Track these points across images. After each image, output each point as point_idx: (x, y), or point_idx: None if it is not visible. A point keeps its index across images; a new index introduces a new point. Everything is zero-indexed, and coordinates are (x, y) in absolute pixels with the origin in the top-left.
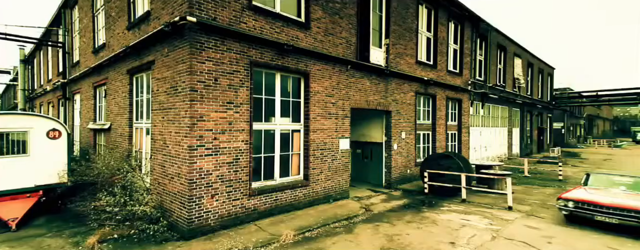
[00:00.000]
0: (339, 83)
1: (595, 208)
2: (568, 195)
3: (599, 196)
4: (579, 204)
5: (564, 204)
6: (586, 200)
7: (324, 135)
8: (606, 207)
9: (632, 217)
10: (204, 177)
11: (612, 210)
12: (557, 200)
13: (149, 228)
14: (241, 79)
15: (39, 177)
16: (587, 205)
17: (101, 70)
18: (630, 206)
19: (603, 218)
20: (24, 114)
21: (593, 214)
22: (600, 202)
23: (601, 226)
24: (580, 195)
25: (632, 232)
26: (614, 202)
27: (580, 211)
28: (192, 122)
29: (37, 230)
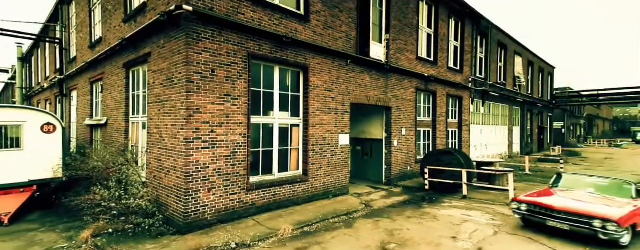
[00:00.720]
0: (338, 77)
1: (548, 212)
2: (523, 198)
3: (553, 199)
4: (532, 208)
5: (517, 207)
6: (539, 203)
7: (323, 130)
8: (557, 211)
9: (582, 223)
10: (201, 170)
11: (563, 215)
12: (511, 202)
13: (145, 222)
14: (239, 71)
15: (33, 171)
16: (539, 208)
17: (98, 65)
18: (581, 211)
19: (554, 224)
20: (17, 107)
21: (545, 218)
22: (553, 205)
23: (555, 233)
24: (534, 198)
25: (587, 241)
26: (567, 206)
27: (532, 215)
28: (188, 114)
29: (30, 225)
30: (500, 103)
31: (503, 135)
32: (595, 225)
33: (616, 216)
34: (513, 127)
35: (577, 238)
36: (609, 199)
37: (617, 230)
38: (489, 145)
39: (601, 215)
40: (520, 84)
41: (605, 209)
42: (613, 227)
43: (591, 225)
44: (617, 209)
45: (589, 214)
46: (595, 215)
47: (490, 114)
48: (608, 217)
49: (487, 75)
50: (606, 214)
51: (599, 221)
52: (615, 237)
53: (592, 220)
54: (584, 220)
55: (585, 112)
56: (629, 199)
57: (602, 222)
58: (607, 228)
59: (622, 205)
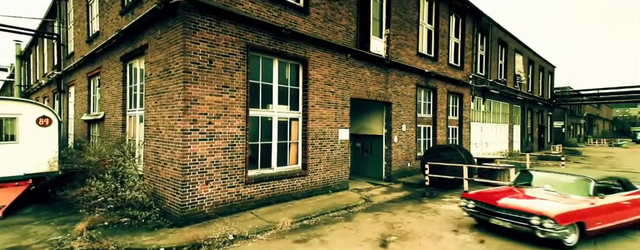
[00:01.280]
0: (338, 72)
1: (492, 209)
2: (472, 194)
3: (499, 196)
4: (479, 205)
5: (465, 205)
6: (484, 199)
7: (322, 124)
8: (500, 208)
9: (521, 220)
10: (198, 162)
11: (505, 212)
12: (461, 199)
13: (141, 215)
14: (237, 62)
15: (28, 165)
16: (484, 206)
17: (95, 59)
18: (521, 207)
19: (497, 221)
20: (12, 100)
21: (488, 216)
22: (496, 202)
23: (498, 231)
24: (482, 195)
25: (531, 240)
26: (508, 203)
27: (478, 213)
28: (185, 105)
29: (25, 219)
30: (501, 101)
31: (503, 133)
32: (533, 222)
33: (553, 213)
34: (513, 125)
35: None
36: (563, 196)
37: (555, 228)
38: (490, 143)
39: (538, 212)
40: (521, 82)
41: (545, 205)
42: (549, 224)
43: (530, 222)
44: (557, 206)
45: (528, 210)
46: (534, 212)
47: (491, 112)
48: (545, 213)
49: (487, 73)
50: (543, 210)
51: (536, 218)
52: (553, 235)
53: (531, 217)
54: (523, 218)
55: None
56: (585, 197)
57: (540, 219)
58: (543, 225)
59: (572, 202)
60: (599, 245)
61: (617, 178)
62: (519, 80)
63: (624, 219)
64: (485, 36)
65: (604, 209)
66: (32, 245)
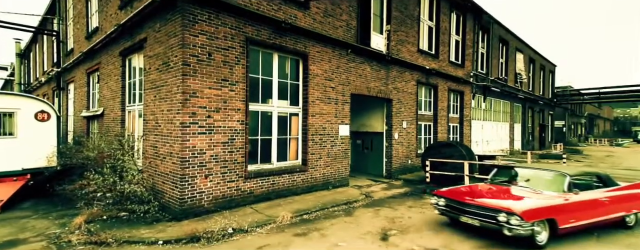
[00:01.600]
0: (338, 67)
1: (461, 207)
2: (443, 191)
3: (469, 192)
4: (449, 202)
5: (436, 202)
6: (454, 197)
7: (323, 120)
8: (469, 205)
9: (489, 217)
10: (197, 156)
11: (474, 209)
12: (432, 196)
13: (140, 209)
14: (237, 55)
15: (27, 160)
16: (454, 203)
17: (94, 55)
18: (489, 204)
19: (466, 219)
20: (11, 94)
21: (458, 214)
22: (465, 199)
23: (470, 230)
24: (452, 192)
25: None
26: (477, 199)
27: (448, 210)
28: (184, 98)
29: (23, 213)
30: (502, 99)
31: (504, 131)
32: (500, 219)
33: (519, 209)
34: (514, 123)
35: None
36: (536, 193)
37: (522, 225)
38: (490, 141)
39: (505, 208)
40: (522, 80)
41: (512, 201)
42: (516, 221)
43: (497, 219)
44: (525, 201)
45: (495, 207)
46: (501, 208)
47: (492, 110)
48: (511, 209)
49: (488, 71)
50: (510, 206)
51: (503, 215)
52: (520, 232)
53: (498, 214)
54: (491, 214)
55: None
56: (559, 193)
57: (507, 215)
58: (510, 222)
59: (544, 198)
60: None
61: (596, 174)
62: (519, 78)
63: (601, 217)
64: (486, 34)
65: (578, 206)
66: (30, 239)
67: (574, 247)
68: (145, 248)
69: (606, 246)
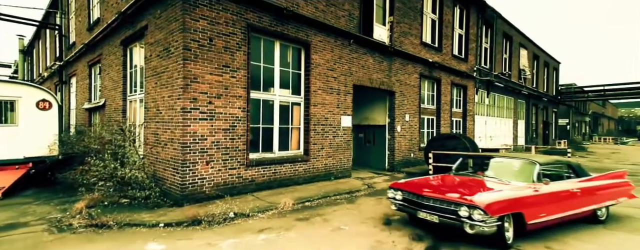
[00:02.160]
0: (341, 57)
1: (419, 200)
2: (400, 183)
3: (427, 184)
4: (406, 195)
5: (393, 197)
6: (411, 189)
7: (325, 110)
8: (427, 198)
9: (449, 212)
10: (199, 141)
11: (433, 202)
12: (389, 189)
13: (141, 194)
14: (238, 42)
15: (28, 148)
16: (412, 196)
17: (95, 47)
18: (449, 197)
19: (424, 215)
20: (12, 82)
21: (416, 209)
22: (422, 192)
23: (429, 227)
24: (410, 184)
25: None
26: (437, 192)
27: (406, 205)
28: (185, 83)
29: (25, 199)
30: (505, 95)
31: (508, 127)
32: (461, 214)
33: (483, 201)
34: (518, 120)
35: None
36: (503, 183)
37: (486, 221)
38: (494, 137)
39: (467, 201)
40: (526, 76)
41: (476, 193)
42: (479, 216)
43: (458, 214)
44: (489, 194)
45: (456, 200)
46: (462, 201)
47: (495, 106)
48: (474, 202)
49: (492, 66)
50: (473, 199)
51: (465, 209)
52: (484, 229)
53: (459, 208)
54: (451, 209)
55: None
56: (527, 183)
57: (468, 209)
58: (472, 217)
59: (511, 189)
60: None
61: (568, 163)
62: (523, 74)
63: (574, 210)
64: (489, 29)
65: (549, 198)
66: (31, 222)
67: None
68: (147, 230)
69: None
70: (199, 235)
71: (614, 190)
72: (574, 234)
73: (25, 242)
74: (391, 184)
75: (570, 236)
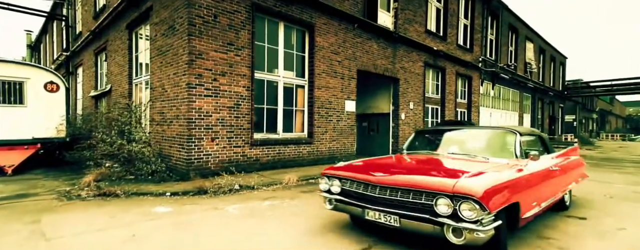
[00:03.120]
0: (345, 41)
1: (366, 192)
2: (337, 166)
3: (378, 168)
4: (346, 186)
5: (327, 188)
6: (355, 176)
7: (329, 93)
8: (380, 187)
9: (417, 209)
10: (204, 118)
11: (389, 193)
12: (321, 177)
13: (147, 168)
14: (242, 20)
15: (37, 129)
16: (355, 185)
17: (102, 34)
18: (417, 183)
19: (375, 216)
20: (20, 63)
21: (362, 206)
22: (370, 179)
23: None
24: (351, 168)
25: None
26: (394, 178)
27: (346, 201)
28: (190, 59)
29: (34, 176)
30: (511, 88)
31: (513, 121)
32: (440, 210)
33: (477, 188)
34: (524, 114)
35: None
36: (480, 161)
37: (482, 220)
38: None
39: (450, 189)
40: (531, 70)
41: (459, 175)
42: (471, 212)
43: (433, 211)
44: (480, 177)
45: (431, 187)
46: (441, 190)
47: (501, 98)
48: (463, 190)
49: (497, 58)
50: (460, 184)
51: (445, 202)
52: (479, 235)
53: (436, 200)
54: (421, 202)
55: (598, 107)
56: (509, 159)
57: (451, 202)
58: (462, 214)
59: (496, 169)
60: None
61: (539, 135)
62: (529, 68)
63: (554, 194)
64: (495, 20)
65: (537, 179)
66: (41, 193)
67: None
68: (153, 199)
69: None
70: (205, 201)
71: (578, 169)
72: (555, 231)
73: (36, 206)
74: (324, 170)
75: (557, 233)
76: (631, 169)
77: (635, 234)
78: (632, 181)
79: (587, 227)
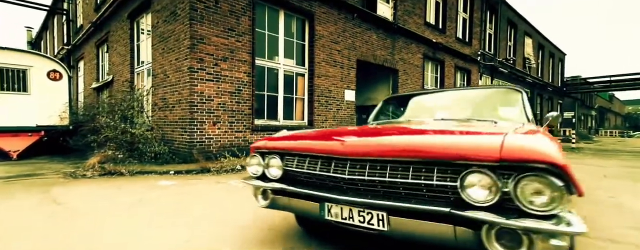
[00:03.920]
0: (344, 31)
1: (326, 173)
2: (277, 136)
3: (343, 133)
4: (291, 163)
5: (259, 170)
6: (306, 147)
7: (328, 82)
8: (342, 159)
9: (416, 196)
10: (206, 102)
11: (359, 169)
12: (250, 156)
13: (151, 150)
14: (243, 7)
15: (40, 117)
16: (308, 162)
17: (103, 25)
18: (412, 147)
19: (341, 213)
20: (23, 51)
21: (321, 198)
22: (336, 147)
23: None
24: (296, 137)
25: None
26: (370, 143)
27: (289, 192)
28: (191, 43)
29: (39, 161)
30: (510, 82)
31: None
32: (473, 196)
33: (552, 152)
34: None
35: None
36: (486, 125)
37: (562, 213)
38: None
39: (495, 155)
40: (530, 65)
41: (502, 134)
42: (544, 199)
43: (457, 202)
44: (539, 138)
45: (450, 155)
46: (473, 157)
47: None
48: (526, 154)
49: (496, 52)
50: (519, 146)
51: (483, 181)
52: (559, 244)
53: (462, 180)
54: (430, 187)
55: (597, 104)
56: (517, 124)
57: (497, 180)
58: (523, 203)
59: (527, 132)
60: None
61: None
62: (528, 63)
63: None
64: (494, 15)
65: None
66: (47, 174)
67: None
68: (158, 176)
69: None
70: (207, 178)
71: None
72: None
73: (44, 182)
74: (254, 143)
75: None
76: (627, 157)
77: (622, 199)
78: (625, 165)
79: (580, 199)
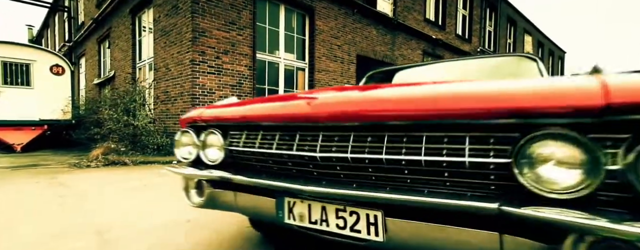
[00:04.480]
0: (345, 26)
1: (287, 150)
2: (224, 104)
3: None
4: (239, 143)
5: (192, 156)
6: (262, 114)
7: (329, 77)
8: (313, 126)
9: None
10: (207, 94)
11: (340, 140)
12: (181, 132)
13: (153, 141)
14: (244, 0)
15: (43, 111)
16: (262, 135)
17: (105, 21)
18: (420, 98)
19: (308, 214)
20: (26, 45)
21: (281, 190)
22: (304, 110)
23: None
24: (255, 101)
25: None
26: (342, 97)
27: (231, 185)
28: (193, 36)
29: (43, 153)
30: None
31: None
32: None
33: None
34: None
35: None
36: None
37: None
38: None
39: (600, 101)
40: None
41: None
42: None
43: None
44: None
45: (534, 103)
46: (563, 105)
47: None
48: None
49: (496, 49)
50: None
51: (568, 154)
52: None
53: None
54: (463, 166)
55: None
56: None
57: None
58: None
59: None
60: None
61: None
62: None
63: None
64: (493, 12)
65: None
66: (51, 165)
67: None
68: (161, 166)
69: None
70: None
71: None
72: None
73: (50, 171)
74: (186, 115)
75: None
76: None
77: None
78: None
79: None
